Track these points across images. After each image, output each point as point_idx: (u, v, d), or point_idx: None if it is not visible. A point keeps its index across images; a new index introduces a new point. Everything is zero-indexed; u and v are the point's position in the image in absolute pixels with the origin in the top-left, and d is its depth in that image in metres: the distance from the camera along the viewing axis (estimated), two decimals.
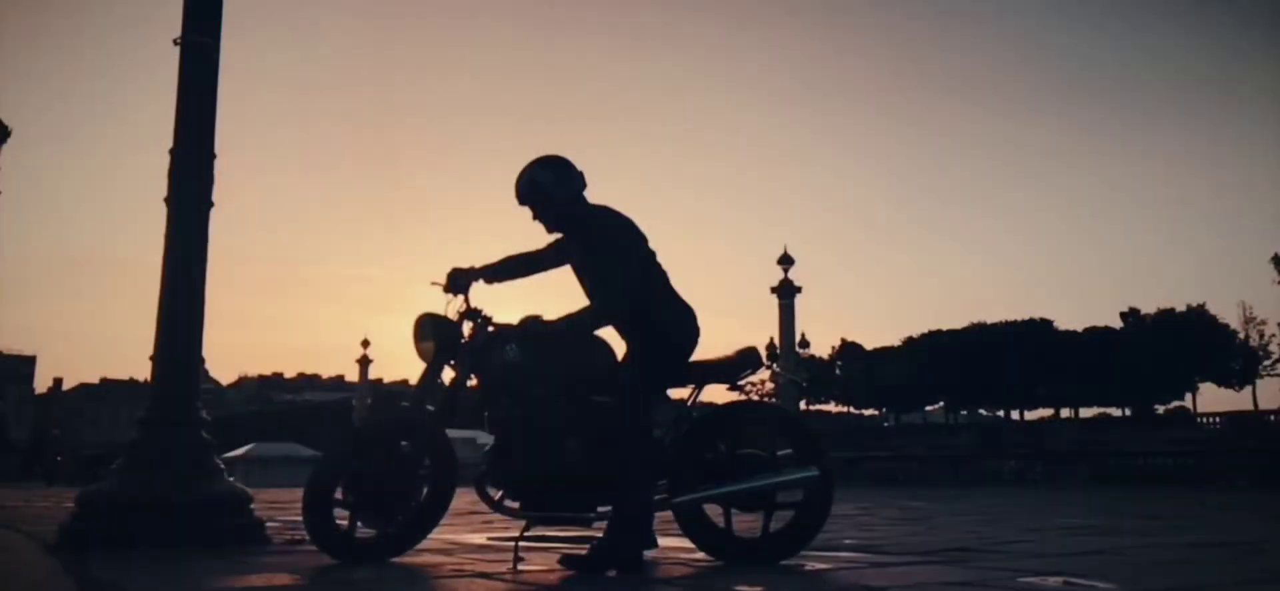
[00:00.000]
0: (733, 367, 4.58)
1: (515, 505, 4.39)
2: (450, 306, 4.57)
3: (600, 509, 4.34)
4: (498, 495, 4.41)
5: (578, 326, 4.41)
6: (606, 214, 4.53)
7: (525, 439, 4.33)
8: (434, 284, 4.59)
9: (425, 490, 4.52)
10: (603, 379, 4.43)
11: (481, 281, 4.60)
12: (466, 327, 4.54)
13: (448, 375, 4.56)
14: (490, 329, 4.50)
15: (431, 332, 4.51)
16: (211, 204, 5.57)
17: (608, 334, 4.55)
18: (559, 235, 4.64)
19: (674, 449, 4.52)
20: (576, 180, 4.53)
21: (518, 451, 4.33)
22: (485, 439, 4.63)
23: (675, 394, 4.57)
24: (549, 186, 4.49)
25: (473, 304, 4.58)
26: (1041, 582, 3.80)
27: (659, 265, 4.58)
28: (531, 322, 4.44)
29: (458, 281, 4.56)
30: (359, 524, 4.39)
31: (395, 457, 4.44)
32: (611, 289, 4.43)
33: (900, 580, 3.92)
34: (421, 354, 4.54)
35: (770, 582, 3.84)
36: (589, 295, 4.57)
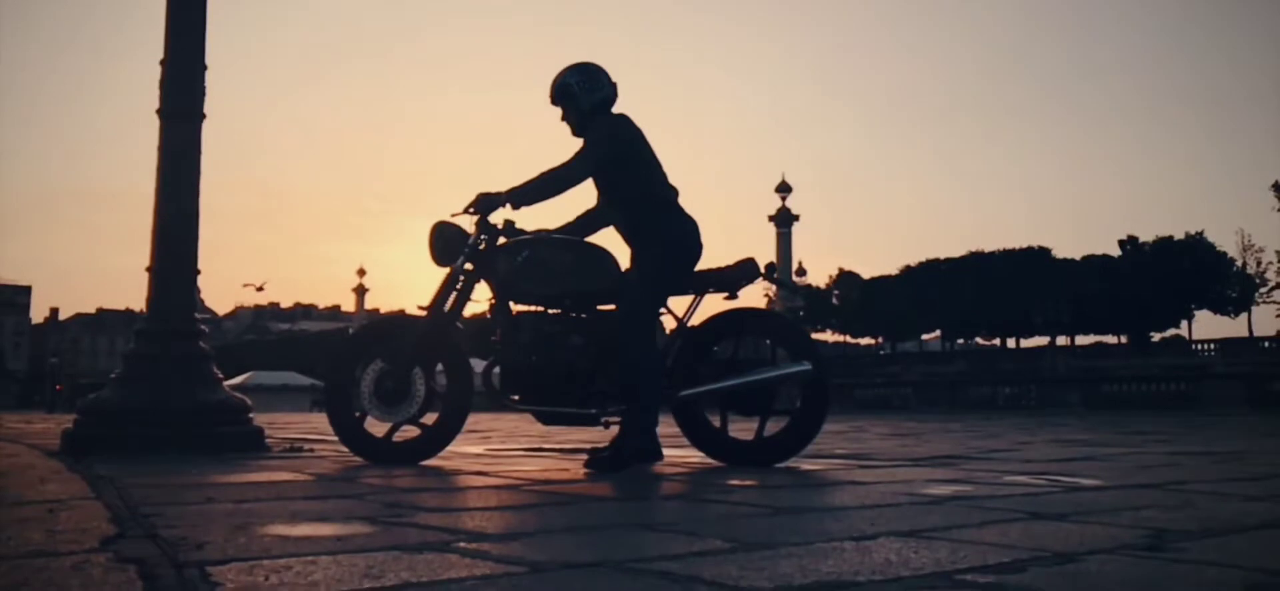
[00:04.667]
0: (732, 277, 4.65)
1: (522, 402, 4.53)
2: (470, 224, 4.66)
3: (610, 409, 4.45)
4: (515, 398, 4.54)
5: (559, 176, 4.48)
6: (622, 119, 4.64)
7: (532, 338, 4.48)
8: (456, 214, 4.63)
9: (440, 406, 4.64)
10: (607, 287, 4.55)
11: (508, 206, 4.57)
12: (482, 242, 4.62)
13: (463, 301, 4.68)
14: (500, 239, 4.61)
15: (445, 237, 4.62)
16: (204, 115, 5.56)
17: (615, 248, 4.66)
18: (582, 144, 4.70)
19: (675, 354, 4.62)
20: (605, 88, 4.65)
21: (525, 350, 4.48)
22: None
23: (676, 304, 4.65)
24: (577, 90, 4.61)
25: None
26: (1027, 481, 3.87)
27: (666, 178, 4.66)
28: (540, 232, 4.64)
29: (483, 204, 4.58)
30: (370, 418, 4.58)
31: (408, 350, 4.55)
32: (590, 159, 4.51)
33: (888, 477, 4.00)
34: (435, 257, 4.63)
35: (764, 477, 3.92)
36: (600, 192, 4.68)
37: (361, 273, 54.54)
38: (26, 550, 1.98)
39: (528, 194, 4.49)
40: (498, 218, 4.62)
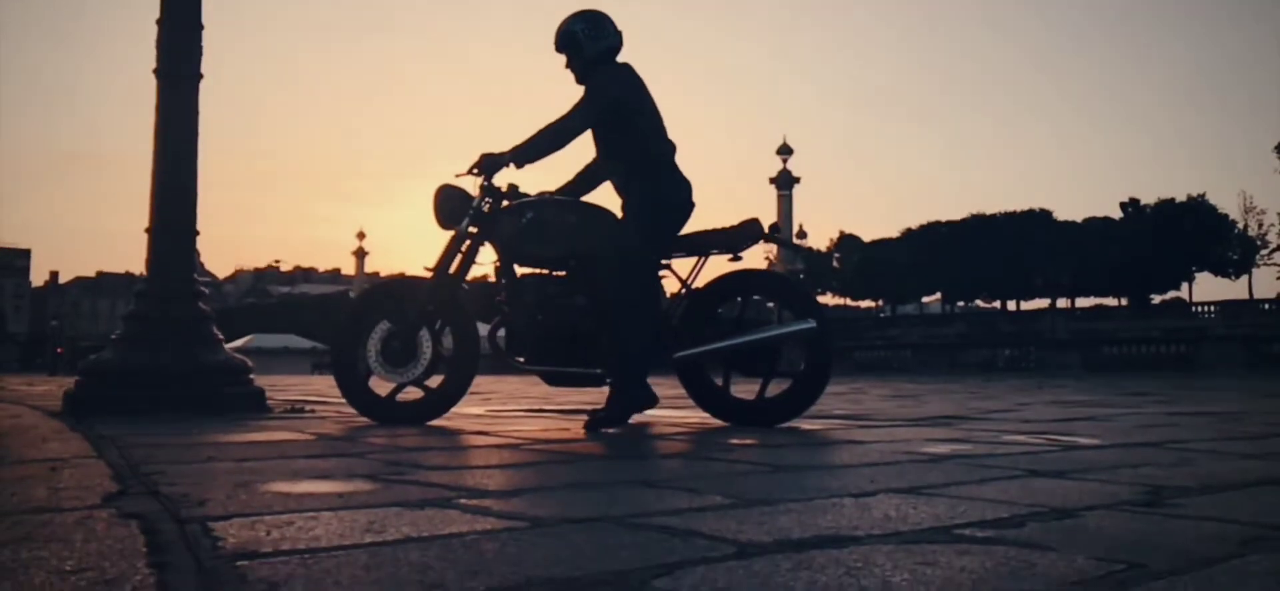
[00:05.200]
0: (736, 238, 4.64)
1: (528, 363, 4.55)
2: (474, 186, 4.65)
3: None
4: (521, 359, 4.56)
5: (559, 129, 4.47)
6: (624, 70, 4.61)
7: (537, 299, 4.51)
8: (461, 175, 4.62)
9: (445, 368, 4.67)
10: (607, 247, 4.52)
11: (512, 165, 4.55)
12: (486, 204, 4.62)
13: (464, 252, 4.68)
14: (504, 202, 4.60)
15: (449, 200, 4.62)
16: (201, 76, 5.53)
17: (613, 204, 4.65)
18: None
19: (680, 315, 4.63)
20: (610, 37, 4.63)
21: (530, 311, 4.50)
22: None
23: (680, 265, 4.65)
24: (581, 38, 4.60)
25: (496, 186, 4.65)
26: (1025, 440, 3.89)
27: (665, 133, 4.65)
28: (543, 194, 4.64)
29: (488, 165, 4.56)
30: (374, 376, 4.62)
31: (414, 312, 4.57)
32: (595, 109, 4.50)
33: (887, 437, 4.02)
34: (440, 220, 4.63)
35: (764, 437, 3.93)
36: (598, 145, 4.65)
37: (361, 236, 54.59)
38: (30, 506, 1.99)
39: (530, 151, 4.48)
40: (501, 179, 4.61)
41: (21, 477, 2.50)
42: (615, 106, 4.52)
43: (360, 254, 54.72)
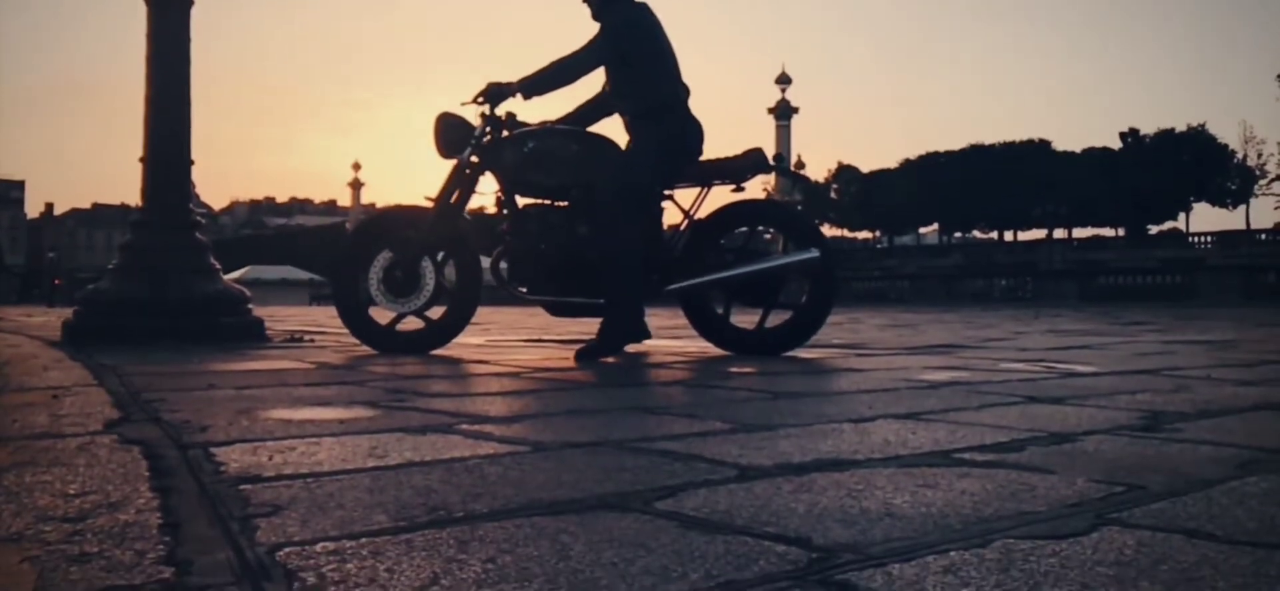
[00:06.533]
0: (739, 167, 4.60)
1: (530, 292, 4.56)
2: (475, 116, 4.60)
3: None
4: (523, 289, 4.56)
5: (569, 65, 4.44)
6: (640, 11, 4.52)
7: (539, 228, 4.49)
8: (466, 103, 4.57)
9: (447, 299, 4.67)
10: (609, 178, 4.49)
11: (519, 96, 4.50)
12: (488, 134, 4.57)
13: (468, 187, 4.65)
14: (505, 132, 4.55)
15: (450, 129, 4.58)
16: (191, 1, 5.44)
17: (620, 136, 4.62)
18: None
19: (682, 246, 4.60)
20: None
21: (533, 240, 4.49)
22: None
23: (682, 196, 4.61)
24: None
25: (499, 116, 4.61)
26: (1023, 367, 3.90)
27: (678, 75, 4.59)
28: (545, 123, 4.60)
29: (493, 94, 4.51)
30: (375, 305, 4.61)
31: (416, 242, 4.56)
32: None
33: (886, 365, 4.03)
34: (441, 150, 4.59)
35: (763, 365, 3.95)
36: (609, 82, 4.60)
37: (357, 167, 54.39)
38: (32, 432, 1.99)
39: (539, 83, 4.43)
40: (502, 110, 4.56)
41: (23, 405, 2.51)
42: (628, 46, 4.44)
43: (356, 185, 54.55)
